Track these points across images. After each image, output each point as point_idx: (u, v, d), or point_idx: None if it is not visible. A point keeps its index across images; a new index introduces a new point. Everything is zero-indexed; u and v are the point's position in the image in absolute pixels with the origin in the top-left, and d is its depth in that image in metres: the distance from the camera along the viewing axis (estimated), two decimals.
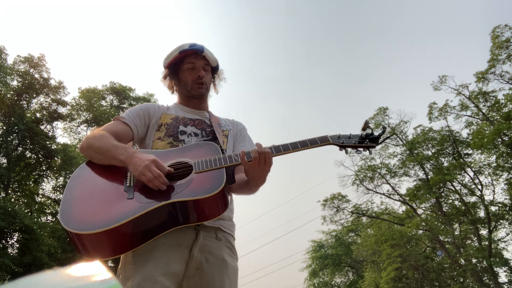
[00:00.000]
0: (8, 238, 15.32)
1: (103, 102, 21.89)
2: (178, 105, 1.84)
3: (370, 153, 1.62)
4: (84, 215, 1.32)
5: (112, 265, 16.86)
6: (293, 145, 1.51)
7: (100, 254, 1.29)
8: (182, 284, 1.38)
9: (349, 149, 1.59)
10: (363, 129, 1.56)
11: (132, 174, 1.43)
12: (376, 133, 1.57)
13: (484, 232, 18.84)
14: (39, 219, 17.82)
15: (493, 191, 19.21)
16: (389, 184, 22.31)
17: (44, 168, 18.86)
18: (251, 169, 1.48)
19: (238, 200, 1.76)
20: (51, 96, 19.02)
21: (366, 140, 1.57)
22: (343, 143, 1.56)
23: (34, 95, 18.53)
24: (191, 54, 1.76)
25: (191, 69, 1.76)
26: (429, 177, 20.59)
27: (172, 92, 1.89)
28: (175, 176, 1.45)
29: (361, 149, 1.59)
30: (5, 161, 17.06)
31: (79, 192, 1.41)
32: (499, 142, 17.45)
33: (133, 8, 66.61)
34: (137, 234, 1.32)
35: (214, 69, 1.87)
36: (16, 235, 15.32)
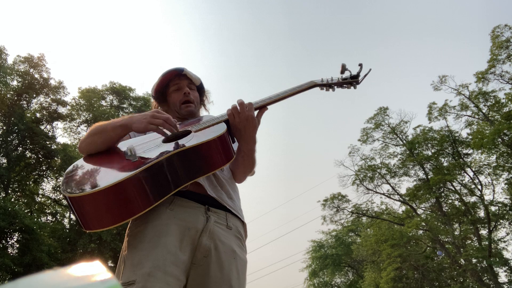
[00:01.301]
0: (8, 238, 15.33)
1: (103, 102, 21.91)
2: None
3: (355, 87, 1.74)
4: (86, 182, 1.26)
5: (112, 265, 16.90)
6: (279, 94, 1.64)
7: (103, 221, 1.19)
8: (189, 272, 1.34)
9: (335, 87, 1.73)
10: (342, 72, 1.70)
11: (138, 130, 1.40)
12: (354, 72, 1.71)
13: (484, 232, 18.86)
14: (39, 219, 17.84)
15: (493, 191, 19.23)
16: (389, 184, 22.33)
17: (44, 168, 18.88)
18: (234, 121, 1.53)
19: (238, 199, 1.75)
20: (51, 96, 19.03)
21: (348, 78, 1.71)
22: (328, 82, 1.71)
23: (34, 95, 18.54)
24: (174, 76, 1.81)
25: (177, 90, 1.80)
26: (429, 177, 20.60)
27: None
28: (175, 138, 1.47)
29: (346, 86, 1.73)
30: (5, 161, 17.07)
31: (81, 171, 1.35)
32: (499, 142, 17.46)
33: (133, 8, 66.62)
34: (145, 193, 1.24)
35: (199, 88, 1.90)
36: (16, 235, 15.34)
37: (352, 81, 1.71)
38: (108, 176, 1.23)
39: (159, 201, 1.27)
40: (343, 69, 1.68)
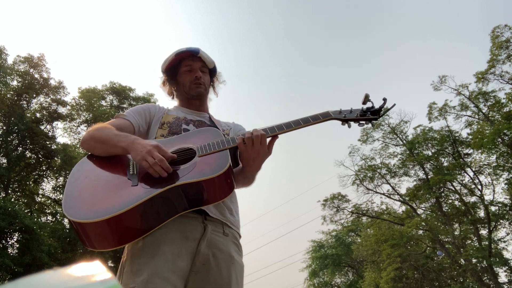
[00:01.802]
0: (8, 238, 15.32)
1: (103, 102, 21.90)
2: (179, 107, 1.84)
3: (373, 125, 1.61)
4: (88, 204, 1.29)
5: (112, 265, 16.89)
6: (292, 123, 1.52)
7: (105, 244, 1.26)
8: (188, 279, 1.35)
9: (351, 123, 1.58)
10: (364, 102, 1.54)
11: (134, 160, 1.40)
12: (377, 106, 1.55)
13: (484, 232, 18.85)
14: (39, 219, 17.83)
15: (493, 191, 19.23)
16: (389, 184, 22.32)
17: (44, 168, 18.87)
18: (245, 152, 1.48)
19: (238, 200, 1.75)
20: (51, 96, 19.02)
21: (368, 113, 1.56)
22: (345, 117, 1.55)
23: (34, 95, 18.53)
24: (188, 56, 1.78)
25: (188, 71, 1.77)
26: (429, 177, 20.59)
27: (172, 98, 1.89)
28: (178, 161, 1.43)
29: (363, 122, 1.58)
30: (5, 161, 17.06)
31: (81, 185, 1.38)
32: (499, 142, 17.46)
33: (133, 8, 66.63)
34: (143, 222, 1.28)
35: (211, 72, 1.88)
36: (16, 235, 15.33)
37: (371, 118, 1.56)
38: (108, 204, 1.26)
39: (156, 227, 1.31)
40: (366, 99, 1.52)
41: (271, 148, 1.52)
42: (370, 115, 1.55)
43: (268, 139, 1.51)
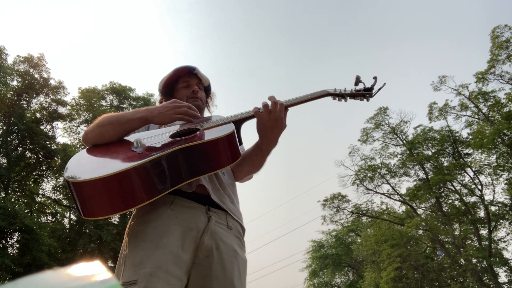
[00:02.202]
0: (8, 238, 15.33)
1: (103, 102, 21.90)
2: None
3: (368, 100, 1.70)
4: (92, 167, 1.26)
5: (112, 265, 16.89)
6: (294, 98, 1.63)
7: (107, 207, 1.20)
8: (191, 272, 1.34)
9: (348, 98, 1.70)
10: (356, 84, 1.65)
11: (162, 122, 1.43)
12: (369, 85, 1.67)
13: (484, 232, 18.86)
14: (39, 219, 17.84)
15: (493, 191, 19.23)
16: (389, 184, 22.33)
17: (44, 168, 18.88)
18: (262, 120, 1.51)
19: (238, 200, 1.75)
20: (51, 96, 19.04)
21: (362, 90, 1.67)
22: (341, 92, 1.67)
23: (34, 95, 18.54)
24: (185, 73, 1.83)
25: (185, 87, 1.82)
26: (429, 177, 20.60)
27: None
28: (183, 135, 1.45)
29: (359, 97, 1.70)
30: (5, 161, 17.07)
31: (84, 161, 1.34)
32: (499, 142, 17.46)
33: (133, 8, 66.62)
34: (150, 183, 1.24)
35: (206, 90, 1.92)
36: (16, 235, 15.34)
37: (365, 93, 1.68)
38: (112, 165, 1.23)
39: (160, 195, 1.26)
40: (357, 81, 1.64)
41: (285, 119, 1.56)
42: (364, 91, 1.68)
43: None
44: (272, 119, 1.50)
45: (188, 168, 1.34)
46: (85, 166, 1.29)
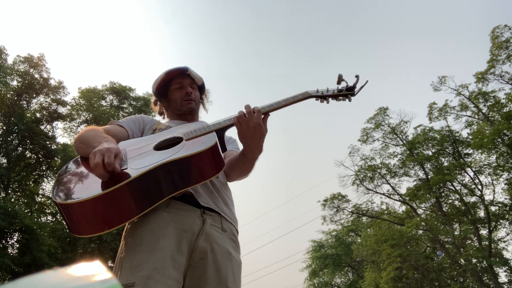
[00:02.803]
0: (8, 238, 15.33)
1: (103, 102, 21.90)
2: (171, 120, 1.89)
3: (350, 100, 1.71)
4: (77, 188, 1.28)
5: (112, 265, 16.90)
6: (276, 103, 1.61)
7: (93, 226, 1.22)
8: (186, 273, 1.36)
9: (330, 99, 1.70)
10: (338, 83, 1.67)
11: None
12: (351, 84, 1.67)
13: (484, 232, 18.86)
14: (39, 219, 17.83)
15: (493, 191, 19.24)
16: (389, 184, 22.33)
17: (44, 168, 18.87)
18: (241, 129, 1.49)
19: (237, 200, 1.76)
20: (51, 96, 19.03)
21: (344, 89, 1.69)
22: (323, 93, 1.68)
23: (34, 95, 18.54)
24: (177, 75, 1.83)
25: (179, 88, 1.83)
26: (429, 177, 20.60)
27: (163, 117, 1.94)
28: (166, 147, 1.46)
29: (341, 98, 1.71)
30: (5, 161, 17.07)
31: (68, 178, 1.37)
32: (499, 142, 17.46)
33: (133, 8, 66.63)
34: (135, 200, 1.26)
35: (200, 88, 1.93)
36: (16, 235, 15.33)
37: (347, 93, 1.68)
38: (96, 185, 1.24)
39: (147, 209, 1.28)
40: (340, 79, 1.65)
41: (265, 124, 1.53)
42: (346, 91, 1.69)
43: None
44: (250, 127, 1.48)
45: (173, 181, 1.35)
46: (71, 186, 1.31)
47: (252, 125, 1.47)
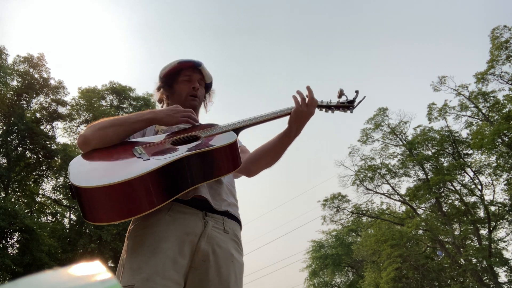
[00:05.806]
0: (8, 238, 15.34)
1: (103, 102, 21.90)
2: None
3: (351, 112, 1.83)
4: (99, 171, 1.26)
5: (112, 265, 16.90)
6: (287, 109, 1.73)
7: (113, 213, 1.20)
8: (188, 276, 1.36)
9: (333, 109, 1.83)
10: (339, 97, 1.79)
11: (168, 124, 1.53)
12: (351, 98, 1.81)
13: (484, 232, 18.87)
14: (39, 219, 17.85)
15: (493, 191, 19.25)
16: (389, 184, 22.35)
17: (44, 168, 18.88)
18: (300, 112, 1.65)
19: (238, 200, 1.76)
20: (51, 96, 19.04)
21: (346, 102, 1.81)
22: (328, 103, 1.81)
23: (34, 95, 18.55)
24: (189, 67, 1.81)
25: (187, 81, 1.80)
26: (429, 177, 20.61)
27: (162, 106, 1.90)
28: (185, 142, 1.48)
29: (342, 109, 1.83)
30: (5, 161, 17.08)
31: (88, 167, 1.33)
32: (499, 142, 17.47)
33: (133, 8, 66.65)
34: (155, 191, 1.24)
35: (207, 86, 1.92)
36: (16, 235, 15.35)
37: (349, 105, 1.80)
38: (121, 171, 1.23)
39: (165, 202, 1.27)
40: (340, 94, 1.78)
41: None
42: (347, 103, 1.81)
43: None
44: (310, 109, 1.65)
45: (193, 174, 1.35)
46: (91, 173, 1.29)
47: (312, 108, 1.65)
